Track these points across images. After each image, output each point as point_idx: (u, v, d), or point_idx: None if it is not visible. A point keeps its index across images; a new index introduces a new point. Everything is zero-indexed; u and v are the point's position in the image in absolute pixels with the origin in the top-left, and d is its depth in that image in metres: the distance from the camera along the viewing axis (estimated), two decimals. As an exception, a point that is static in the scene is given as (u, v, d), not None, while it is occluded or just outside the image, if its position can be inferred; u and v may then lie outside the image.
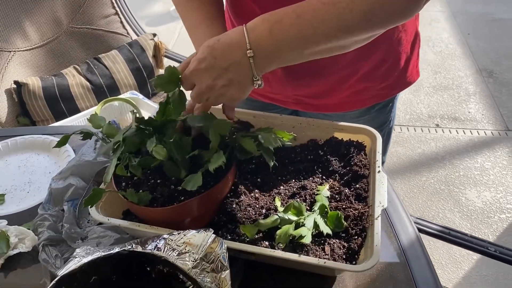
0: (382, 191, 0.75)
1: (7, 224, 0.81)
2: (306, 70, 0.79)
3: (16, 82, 1.38)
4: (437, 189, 2.06)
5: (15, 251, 0.77)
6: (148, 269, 0.69)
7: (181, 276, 0.68)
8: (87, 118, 0.79)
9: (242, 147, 0.71)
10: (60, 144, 0.76)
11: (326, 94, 0.92)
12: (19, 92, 1.39)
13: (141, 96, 1.47)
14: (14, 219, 0.83)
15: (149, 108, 1.45)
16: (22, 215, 0.85)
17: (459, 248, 1.74)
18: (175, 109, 0.68)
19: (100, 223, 0.83)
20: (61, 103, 1.42)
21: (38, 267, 0.78)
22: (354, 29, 0.62)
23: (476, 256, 1.76)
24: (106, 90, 1.50)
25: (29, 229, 0.79)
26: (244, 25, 0.64)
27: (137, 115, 0.67)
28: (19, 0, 1.44)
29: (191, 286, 0.67)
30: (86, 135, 0.77)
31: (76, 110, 1.46)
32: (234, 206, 0.76)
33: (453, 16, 3.44)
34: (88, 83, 1.47)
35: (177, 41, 3.24)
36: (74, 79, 1.45)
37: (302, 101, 0.97)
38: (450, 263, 1.75)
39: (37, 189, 0.91)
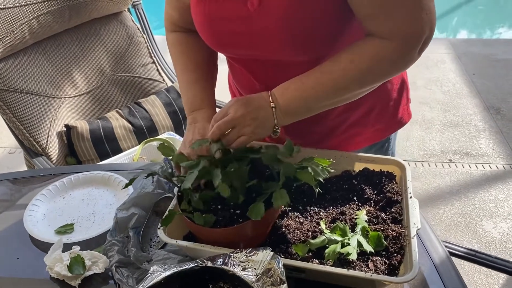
0: (415, 214, 0.84)
1: (79, 250, 0.91)
2: (306, 120, 0.92)
3: (66, 125, 1.52)
4: (454, 221, 2.13)
5: (90, 273, 0.86)
6: (211, 286, 0.78)
7: (240, 291, 0.76)
8: (157, 147, 0.91)
9: (294, 177, 0.82)
10: (128, 184, 0.88)
11: (323, 139, 1.06)
12: (68, 134, 1.52)
13: (177, 137, 1.59)
14: (83, 245, 0.92)
15: (184, 147, 1.57)
16: (89, 242, 0.94)
17: (479, 278, 1.80)
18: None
19: (162, 248, 0.93)
20: (106, 144, 1.55)
21: (109, 286, 0.87)
22: (350, 89, 0.83)
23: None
24: (146, 131, 1.63)
25: (99, 253, 0.89)
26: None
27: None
28: (71, 53, 1.62)
29: (250, 300, 0.75)
30: (150, 174, 0.89)
31: (119, 150, 1.58)
32: (283, 229, 0.86)
33: (458, 57, 3.61)
34: (130, 125, 1.60)
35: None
36: (117, 121, 1.58)
37: (308, 146, 1.10)
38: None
39: (101, 219, 1.01)
